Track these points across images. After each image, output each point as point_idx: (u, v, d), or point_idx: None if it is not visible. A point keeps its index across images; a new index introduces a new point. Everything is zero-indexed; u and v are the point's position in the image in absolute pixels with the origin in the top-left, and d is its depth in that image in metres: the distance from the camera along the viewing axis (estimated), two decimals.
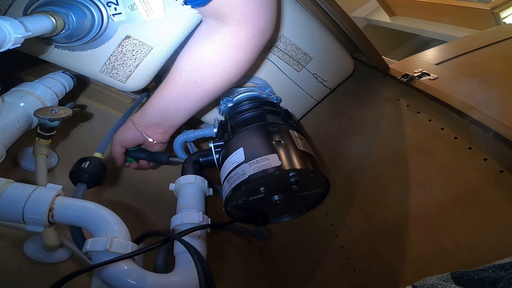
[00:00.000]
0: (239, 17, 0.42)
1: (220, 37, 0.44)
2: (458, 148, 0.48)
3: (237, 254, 0.83)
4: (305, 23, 0.59)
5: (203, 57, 0.46)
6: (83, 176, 0.43)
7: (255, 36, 0.44)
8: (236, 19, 0.42)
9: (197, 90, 0.48)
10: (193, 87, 0.48)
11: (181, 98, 0.49)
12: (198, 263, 0.29)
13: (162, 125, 0.53)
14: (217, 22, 0.44)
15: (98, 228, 0.32)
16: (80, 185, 0.43)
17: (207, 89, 0.49)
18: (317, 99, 0.74)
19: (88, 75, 0.54)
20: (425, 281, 0.30)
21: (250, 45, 0.45)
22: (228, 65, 0.46)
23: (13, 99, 0.45)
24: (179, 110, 0.50)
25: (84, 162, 0.45)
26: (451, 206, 0.45)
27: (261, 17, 0.43)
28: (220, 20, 0.43)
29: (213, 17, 0.44)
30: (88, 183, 0.43)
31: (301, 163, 0.39)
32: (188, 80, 0.47)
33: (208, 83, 0.48)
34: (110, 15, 0.48)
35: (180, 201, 0.44)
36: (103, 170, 0.47)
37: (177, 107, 0.50)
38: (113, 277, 0.30)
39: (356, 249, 0.59)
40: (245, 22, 0.42)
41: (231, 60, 0.46)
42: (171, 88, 0.49)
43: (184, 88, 0.48)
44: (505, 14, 1.27)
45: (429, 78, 0.57)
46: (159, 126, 0.53)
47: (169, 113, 0.51)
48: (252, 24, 0.43)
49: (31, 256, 0.52)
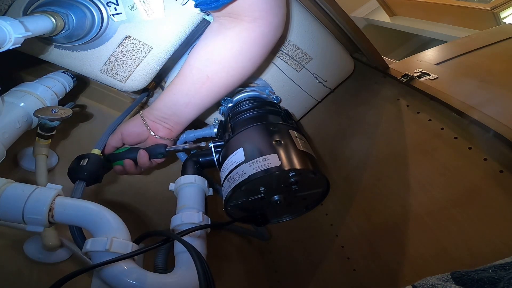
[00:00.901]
0: (256, 14, 0.44)
1: (236, 33, 0.45)
2: (458, 148, 0.48)
3: (237, 254, 0.83)
4: (305, 23, 0.59)
5: (215, 53, 0.47)
6: (81, 173, 0.43)
7: (270, 32, 0.46)
8: (252, 16, 0.44)
9: (208, 84, 0.49)
10: (205, 82, 0.48)
11: (191, 93, 0.50)
12: (198, 263, 0.29)
13: (170, 120, 0.53)
14: (230, 20, 0.45)
15: (98, 228, 0.32)
16: (79, 182, 0.42)
17: (219, 84, 0.49)
18: (317, 99, 0.73)
19: (88, 75, 0.54)
20: (425, 281, 0.30)
21: (264, 41, 0.47)
22: (242, 60, 0.48)
23: (13, 99, 0.45)
24: (188, 105, 0.51)
25: (82, 160, 0.44)
26: (451, 206, 0.45)
27: (276, 14, 0.45)
28: (235, 18, 0.45)
29: (227, 16, 0.45)
30: (87, 180, 0.43)
31: (301, 163, 0.39)
32: (200, 75, 0.48)
33: (220, 77, 0.49)
34: (110, 15, 0.48)
35: (180, 201, 0.44)
36: (101, 167, 0.46)
37: (186, 102, 0.50)
38: (113, 277, 0.30)
39: (356, 249, 0.59)
40: (261, 19, 0.44)
41: (244, 56, 0.47)
42: (181, 83, 0.50)
43: (194, 83, 0.49)
44: (505, 14, 1.27)
45: (429, 78, 0.57)
46: (167, 121, 0.53)
47: (177, 108, 0.51)
48: (267, 21, 0.45)
49: (31, 256, 0.52)
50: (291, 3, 0.56)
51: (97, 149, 0.48)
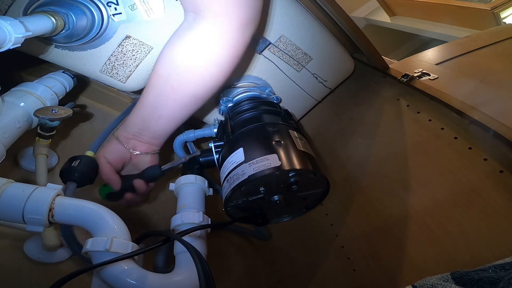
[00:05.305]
0: (217, 9, 0.37)
1: (195, 35, 0.39)
2: (458, 148, 0.48)
3: (237, 254, 0.83)
4: (305, 23, 0.59)
5: (178, 59, 0.41)
6: (72, 174, 0.43)
7: (235, 32, 0.39)
8: (213, 12, 0.37)
9: (174, 96, 0.43)
10: (170, 93, 0.43)
11: (160, 106, 0.44)
12: (198, 263, 0.29)
13: (145, 134, 0.47)
14: (194, 18, 0.39)
15: (98, 228, 0.32)
16: (69, 183, 0.42)
17: (186, 95, 0.43)
18: (317, 99, 0.74)
19: (88, 75, 0.54)
20: (425, 281, 0.30)
21: (230, 44, 0.40)
22: (208, 67, 0.42)
23: (13, 99, 0.45)
24: (161, 117, 0.45)
25: (74, 161, 0.44)
26: (451, 206, 0.45)
27: (242, 9, 0.38)
28: (197, 15, 0.38)
29: (191, 11, 0.39)
30: (78, 181, 0.43)
31: (300, 163, 0.39)
32: (165, 85, 0.42)
33: (186, 89, 0.43)
34: (110, 15, 0.48)
35: (180, 201, 0.44)
36: (94, 168, 0.46)
37: (159, 115, 0.45)
38: (113, 277, 0.30)
39: (356, 249, 0.59)
40: (223, 16, 0.37)
41: (210, 61, 0.41)
42: (150, 93, 0.44)
43: (161, 94, 0.43)
44: (505, 14, 1.27)
45: (429, 78, 0.57)
46: (142, 136, 0.48)
47: (151, 122, 0.46)
48: (231, 19, 0.38)
49: (31, 256, 0.52)
50: (291, 3, 0.56)
51: (91, 151, 0.48)
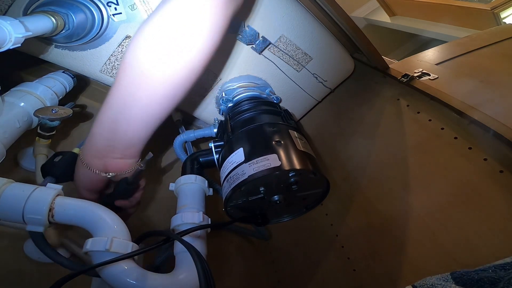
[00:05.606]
0: None
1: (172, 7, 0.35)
2: (458, 148, 0.48)
3: (237, 254, 0.83)
4: (305, 23, 0.59)
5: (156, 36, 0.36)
6: (51, 170, 0.42)
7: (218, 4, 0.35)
8: None
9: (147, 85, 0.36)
10: (143, 81, 0.35)
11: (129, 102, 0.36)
12: (198, 263, 0.29)
13: (116, 147, 0.39)
14: None
15: (98, 228, 0.32)
16: (47, 178, 0.42)
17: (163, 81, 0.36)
18: (317, 99, 0.74)
19: (88, 75, 0.54)
20: (425, 281, 0.30)
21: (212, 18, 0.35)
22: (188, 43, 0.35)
23: (13, 99, 0.45)
24: (129, 121, 0.37)
25: (57, 156, 0.44)
26: (451, 206, 0.45)
27: None
28: None
29: None
30: (57, 177, 0.42)
31: (300, 163, 0.39)
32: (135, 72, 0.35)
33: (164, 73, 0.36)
34: (110, 15, 0.48)
35: (180, 201, 0.44)
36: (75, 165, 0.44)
37: (127, 118, 0.37)
38: (113, 277, 0.30)
39: (356, 249, 0.59)
40: None
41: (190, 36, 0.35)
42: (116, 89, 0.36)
43: (133, 83, 0.35)
44: (505, 14, 1.27)
45: (429, 78, 0.57)
46: (114, 150, 0.39)
47: (121, 128, 0.37)
48: None
49: (31, 256, 0.52)
50: (291, 3, 0.56)
51: (78, 148, 0.47)
